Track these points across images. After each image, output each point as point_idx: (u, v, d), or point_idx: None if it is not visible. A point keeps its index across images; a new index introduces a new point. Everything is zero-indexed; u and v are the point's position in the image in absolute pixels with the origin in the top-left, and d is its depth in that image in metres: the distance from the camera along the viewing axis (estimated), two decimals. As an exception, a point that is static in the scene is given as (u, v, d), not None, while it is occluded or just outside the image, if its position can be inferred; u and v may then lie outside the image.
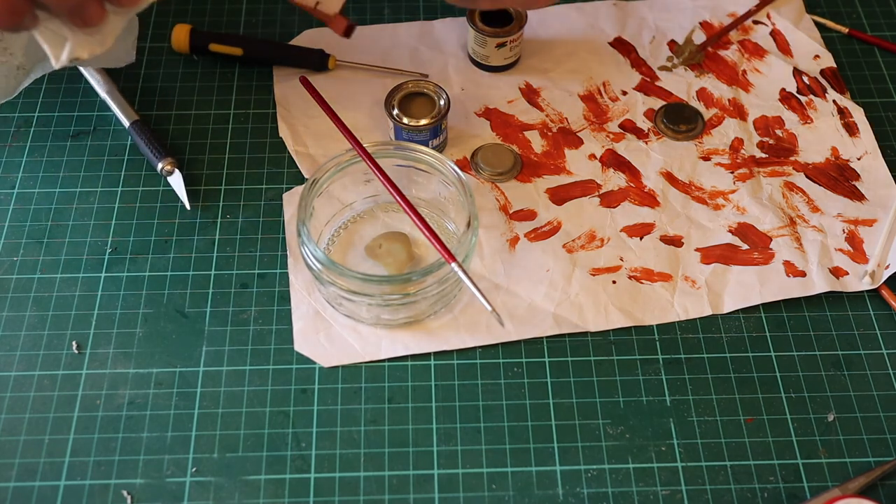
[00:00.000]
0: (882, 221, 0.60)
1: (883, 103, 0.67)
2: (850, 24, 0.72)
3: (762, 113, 0.66)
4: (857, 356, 0.55)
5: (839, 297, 0.58)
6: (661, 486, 0.50)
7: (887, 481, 0.51)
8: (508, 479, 0.50)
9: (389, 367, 0.54)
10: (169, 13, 0.72)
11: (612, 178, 0.63)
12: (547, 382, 0.54)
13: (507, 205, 0.61)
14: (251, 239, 0.60)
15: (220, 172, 0.63)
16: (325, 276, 0.52)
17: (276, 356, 0.55)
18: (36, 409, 0.52)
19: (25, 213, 0.60)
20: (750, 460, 0.51)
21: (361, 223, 0.60)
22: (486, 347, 0.55)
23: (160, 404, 0.53)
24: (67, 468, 0.50)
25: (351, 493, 0.50)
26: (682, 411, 0.53)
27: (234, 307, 0.56)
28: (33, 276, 0.58)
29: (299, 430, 0.52)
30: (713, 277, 0.58)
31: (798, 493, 0.50)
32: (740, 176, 0.63)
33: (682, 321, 0.56)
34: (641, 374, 0.54)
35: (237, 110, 0.66)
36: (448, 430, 0.52)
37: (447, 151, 0.64)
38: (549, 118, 0.66)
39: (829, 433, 0.52)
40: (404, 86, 0.63)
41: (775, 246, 0.59)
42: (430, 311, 0.55)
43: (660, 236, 0.60)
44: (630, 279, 0.58)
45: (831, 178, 0.63)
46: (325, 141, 0.64)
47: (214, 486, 0.50)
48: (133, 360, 0.54)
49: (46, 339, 0.55)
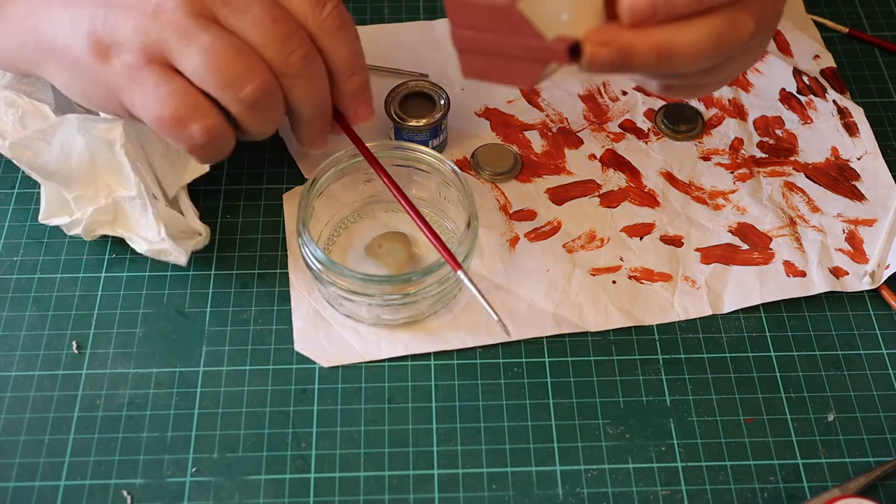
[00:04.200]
0: (882, 221, 0.60)
1: (883, 103, 0.67)
2: (850, 24, 0.72)
3: (762, 113, 0.66)
4: (857, 356, 0.55)
5: (839, 297, 0.58)
6: (661, 486, 0.50)
7: (887, 481, 0.51)
8: (508, 479, 0.50)
9: (389, 367, 0.54)
10: (169, 13, 0.72)
11: (612, 178, 0.63)
12: (547, 382, 0.54)
13: (507, 205, 0.61)
14: (251, 239, 0.60)
15: (221, 172, 0.63)
16: (325, 276, 0.52)
17: (276, 356, 0.55)
18: (36, 409, 0.52)
19: (25, 213, 0.60)
20: (750, 460, 0.51)
21: (361, 223, 0.60)
22: (486, 347, 0.55)
23: (160, 404, 0.53)
24: (67, 468, 0.50)
25: (351, 493, 0.50)
26: (682, 411, 0.53)
27: (234, 307, 0.56)
28: (33, 276, 0.58)
29: (299, 430, 0.52)
30: (713, 277, 0.58)
31: (798, 493, 0.50)
32: (740, 176, 0.63)
33: (682, 321, 0.56)
34: (641, 374, 0.54)
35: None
36: (448, 430, 0.52)
37: (447, 151, 0.64)
38: (549, 118, 0.66)
39: (829, 433, 0.52)
40: (404, 86, 0.63)
41: (775, 246, 0.59)
42: (430, 311, 0.55)
43: (660, 236, 0.60)
44: (630, 279, 0.58)
45: (831, 178, 0.63)
46: (325, 141, 0.64)
47: (214, 486, 0.50)
48: (133, 360, 0.54)
49: (46, 339, 0.55)
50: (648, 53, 0.40)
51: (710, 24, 0.40)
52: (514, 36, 0.39)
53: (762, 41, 0.47)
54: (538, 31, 0.38)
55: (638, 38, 0.40)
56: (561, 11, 0.39)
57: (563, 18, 0.40)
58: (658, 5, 0.39)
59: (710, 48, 0.41)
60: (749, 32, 0.41)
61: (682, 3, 0.39)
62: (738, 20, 0.41)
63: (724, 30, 0.41)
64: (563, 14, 0.40)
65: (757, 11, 0.42)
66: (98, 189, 0.55)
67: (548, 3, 0.39)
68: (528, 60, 0.40)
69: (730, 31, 0.41)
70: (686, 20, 0.40)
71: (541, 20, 0.38)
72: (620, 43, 0.40)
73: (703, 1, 0.40)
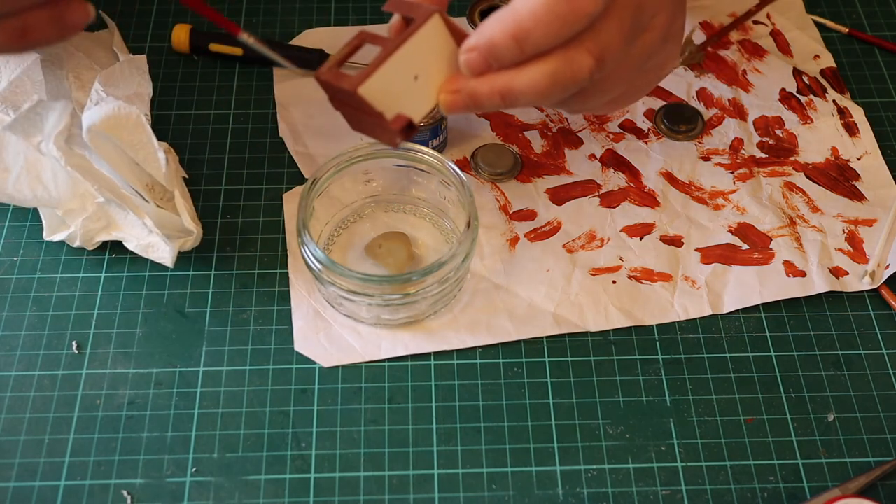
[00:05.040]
0: (882, 221, 0.60)
1: (883, 103, 0.67)
2: (850, 24, 0.72)
3: (762, 113, 0.66)
4: (857, 356, 0.55)
5: (839, 297, 0.58)
6: (661, 486, 0.50)
7: (887, 481, 0.51)
8: (508, 479, 0.50)
9: (389, 367, 0.54)
10: (169, 13, 0.72)
11: (612, 178, 0.63)
12: (547, 382, 0.54)
13: (507, 205, 0.61)
14: (251, 239, 0.60)
15: (220, 172, 0.63)
16: (325, 276, 0.52)
17: (276, 356, 0.55)
18: (36, 409, 0.52)
19: (25, 213, 0.60)
20: (750, 460, 0.51)
21: (361, 223, 0.60)
22: (486, 347, 0.55)
23: (160, 404, 0.53)
24: (67, 468, 0.50)
25: (351, 493, 0.50)
26: (682, 411, 0.53)
27: (234, 307, 0.56)
28: (33, 276, 0.58)
29: (299, 430, 0.52)
30: (713, 277, 0.58)
31: (798, 493, 0.50)
32: (740, 176, 0.63)
33: (682, 321, 0.56)
34: (641, 374, 0.54)
35: (237, 110, 0.66)
36: (448, 430, 0.52)
37: (447, 151, 0.64)
38: (549, 118, 0.66)
39: (829, 433, 0.52)
40: (404, 86, 0.63)
41: (775, 246, 0.59)
42: (430, 311, 0.55)
43: (660, 236, 0.60)
44: (630, 279, 0.58)
45: (831, 178, 0.63)
46: (325, 141, 0.64)
47: (214, 486, 0.50)
48: (133, 360, 0.54)
49: (46, 339, 0.55)
50: (493, 96, 0.45)
51: (545, 66, 0.44)
52: (364, 114, 0.44)
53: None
54: (378, 111, 0.43)
55: (480, 84, 0.45)
56: (410, 75, 0.44)
57: (416, 80, 0.44)
58: (488, 59, 0.44)
59: (549, 87, 0.44)
60: (588, 69, 0.44)
61: (508, 54, 0.43)
62: (574, 59, 0.44)
63: (560, 69, 0.44)
64: (413, 76, 0.44)
65: (596, 48, 0.44)
66: (84, 199, 0.55)
67: (391, 75, 0.43)
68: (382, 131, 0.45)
69: (567, 71, 0.44)
70: (523, 65, 0.44)
71: (384, 94, 0.43)
72: (468, 90, 0.45)
73: (525, 50, 0.43)
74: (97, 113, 0.53)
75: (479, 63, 0.44)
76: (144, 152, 0.54)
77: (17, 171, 0.55)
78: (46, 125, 0.55)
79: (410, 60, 0.44)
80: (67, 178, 0.55)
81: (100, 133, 0.53)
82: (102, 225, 0.56)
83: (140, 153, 0.54)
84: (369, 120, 0.45)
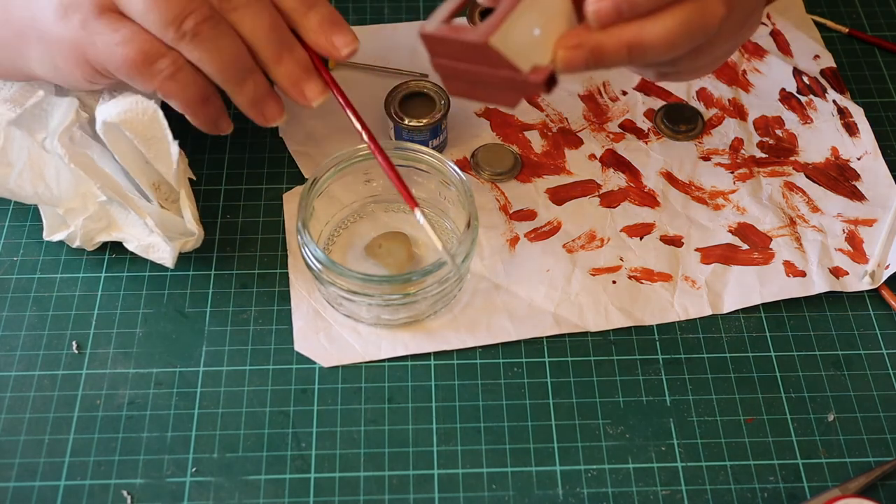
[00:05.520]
0: (882, 221, 0.60)
1: (883, 103, 0.67)
2: (850, 24, 0.72)
3: (762, 113, 0.66)
4: (857, 356, 0.55)
5: (839, 297, 0.58)
6: (661, 486, 0.50)
7: (887, 481, 0.51)
8: (508, 479, 0.50)
9: (389, 367, 0.54)
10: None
11: (612, 178, 0.63)
12: (547, 382, 0.54)
13: (507, 205, 0.61)
14: (251, 239, 0.60)
15: (220, 172, 0.63)
16: (325, 276, 0.52)
17: (276, 356, 0.55)
18: (36, 409, 0.52)
19: (25, 213, 0.60)
20: (750, 460, 0.51)
21: (361, 223, 0.60)
22: (486, 347, 0.55)
23: (160, 404, 0.53)
24: (67, 468, 0.50)
25: (351, 493, 0.50)
26: (682, 411, 0.53)
27: (234, 307, 0.56)
28: (33, 276, 0.58)
29: (299, 430, 0.52)
30: (713, 277, 0.58)
31: (798, 493, 0.50)
32: (740, 176, 0.63)
33: (682, 321, 0.56)
34: (641, 374, 0.54)
35: (237, 110, 0.66)
36: (448, 430, 0.52)
37: (447, 151, 0.64)
38: (549, 118, 0.66)
39: (829, 433, 0.52)
40: (404, 86, 0.63)
41: (775, 246, 0.59)
42: (430, 311, 0.55)
43: (660, 236, 0.60)
44: (630, 279, 0.58)
45: (831, 178, 0.63)
46: (325, 141, 0.64)
47: (214, 486, 0.50)
48: (133, 360, 0.54)
49: (46, 339, 0.55)
50: (619, 50, 0.41)
51: (678, 14, 0.41)
52: (491, 69, 0.40)
53: (747, 19, 0.46)
54: (513, 63, 0.39)
55: (607, 37, 0.41)
56: (532, 28, 0.40)
57: (536, 34, 0.41)
58: (621, 7, 0.40)
59: (681, 37, 0.41)
60: (720, 16, 0.42)
61: (645, 2, 0.40)
62: (707, 6, 0.41)
63: (694, 18, 0.41)
64: (535, 30, 0.40)
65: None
66: (85, 198, 0.55)
67: (518, 26, 0.40)
68: (507, 89, 0.41)
69: (699, 18, 0.41)
70: (654, 13, 0.41)
71: (514, 46, 0.39)
72: (591, 44, 0.41)
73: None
74: (113, 106, 0.53)
75: (610, 13, 0.40)
76: (157, 148, 0.54)
77: (19, 167, 0.55)
78: (51, 122, 0.54)
79: (532, 12, 0.40)
80: (70, 176, 0.55)
81: (115, 127, 0.52)
82: (103, 225, 0.56)
83: (153, 149, 0.54)
84: (493, 77, 0.40)
